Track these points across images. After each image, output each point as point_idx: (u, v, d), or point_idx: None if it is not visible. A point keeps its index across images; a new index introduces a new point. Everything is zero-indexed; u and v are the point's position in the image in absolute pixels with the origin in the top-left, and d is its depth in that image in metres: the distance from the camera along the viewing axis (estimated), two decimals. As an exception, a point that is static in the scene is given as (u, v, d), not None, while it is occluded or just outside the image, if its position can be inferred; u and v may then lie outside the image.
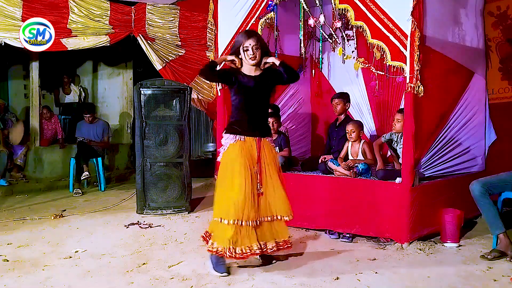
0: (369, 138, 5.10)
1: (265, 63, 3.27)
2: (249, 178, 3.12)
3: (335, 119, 4.99)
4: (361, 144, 4.42)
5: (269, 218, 3.22)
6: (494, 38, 4.72)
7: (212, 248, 3.11)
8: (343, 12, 3.89)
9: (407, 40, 3.55)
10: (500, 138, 4.72)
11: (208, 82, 6.35)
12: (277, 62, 3.22)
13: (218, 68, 3.37)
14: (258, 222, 3.15)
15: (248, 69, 3.26)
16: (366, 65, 4.03)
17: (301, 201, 4.25)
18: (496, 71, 4.75)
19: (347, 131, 4.47)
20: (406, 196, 3.69)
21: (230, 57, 3.29)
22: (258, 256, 3.27)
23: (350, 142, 4.49)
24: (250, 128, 3.21)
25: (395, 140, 4.35)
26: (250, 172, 3.13)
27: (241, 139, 3.19)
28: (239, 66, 3.27)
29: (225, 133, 3.25)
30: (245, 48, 3.19)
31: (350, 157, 4.46)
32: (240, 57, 3.25)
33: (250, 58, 3.19)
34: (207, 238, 3.27)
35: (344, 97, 4.85)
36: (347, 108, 4.89)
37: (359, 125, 4.51)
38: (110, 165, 7.93)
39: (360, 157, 4.39)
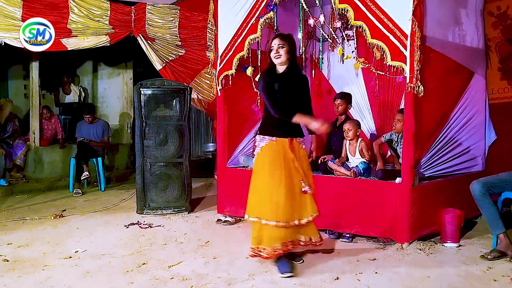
0: (369, 138, 5.11)
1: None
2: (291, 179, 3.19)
3: (335, 119, 4.99)
4: (358, 142, 4.42)
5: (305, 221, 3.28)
6: (494, 38, 4.72)
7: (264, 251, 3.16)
8: (343, 12, 3.90)
9: (407, 40, 3.56)
10: (500, 138, 4.71)
11: (208, 82, 6.36)
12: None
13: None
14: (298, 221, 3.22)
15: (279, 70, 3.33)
16: (366, 65, 4.02)
17: (301, 201, 4.24)
18: (495, 71, 4.75)
19: (344, 130, 4.48)
20: (406, 196, 3.69)
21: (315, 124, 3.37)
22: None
23: (347, 141, 4.49)
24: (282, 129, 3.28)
25: (395, 140, 4.35)
26: (291, 172, 3.19)
27: (273, 140, 3.24)
28: None
29: (259, 134, 3.30)
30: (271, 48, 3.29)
31: (349, 156, 4.46)
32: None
33: (275, 57, 3.26)
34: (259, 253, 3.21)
35: (347, 99, 4.86)
36: (348, 109, 4.90)
37: (356, 124, 4.51)
38: (110, 165, 7.93)
39: (358, 155, 4.39)
